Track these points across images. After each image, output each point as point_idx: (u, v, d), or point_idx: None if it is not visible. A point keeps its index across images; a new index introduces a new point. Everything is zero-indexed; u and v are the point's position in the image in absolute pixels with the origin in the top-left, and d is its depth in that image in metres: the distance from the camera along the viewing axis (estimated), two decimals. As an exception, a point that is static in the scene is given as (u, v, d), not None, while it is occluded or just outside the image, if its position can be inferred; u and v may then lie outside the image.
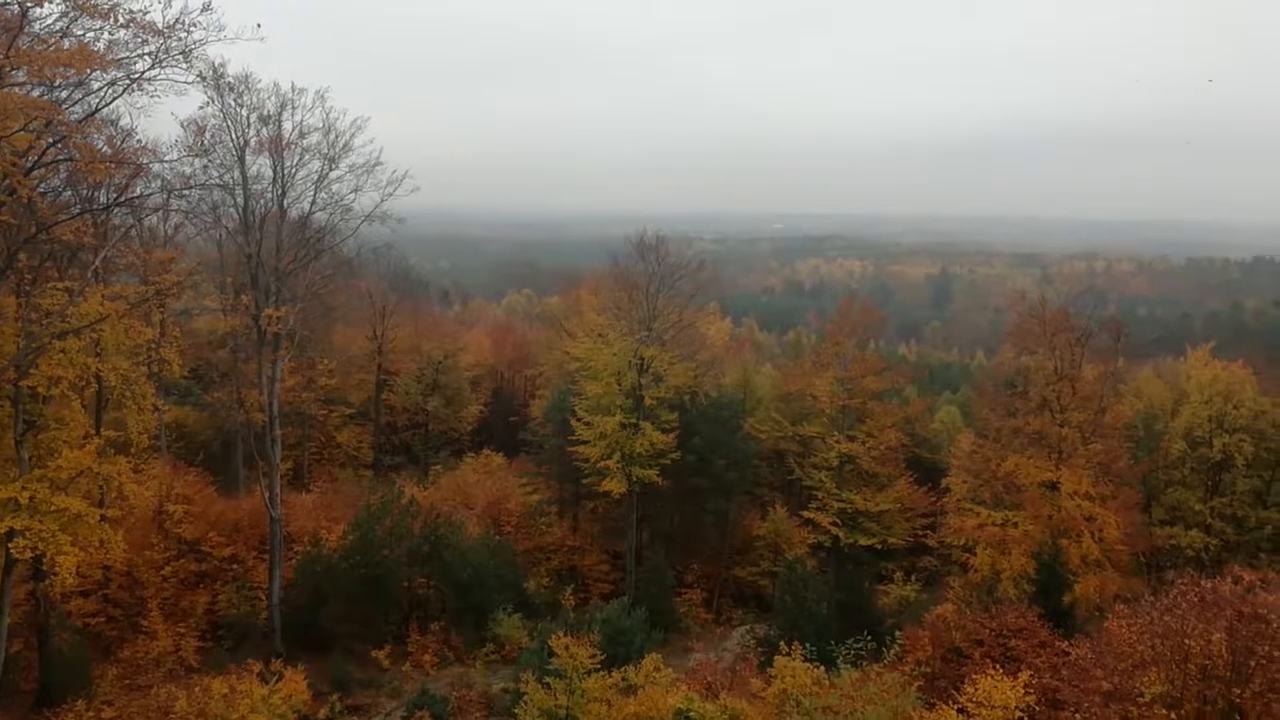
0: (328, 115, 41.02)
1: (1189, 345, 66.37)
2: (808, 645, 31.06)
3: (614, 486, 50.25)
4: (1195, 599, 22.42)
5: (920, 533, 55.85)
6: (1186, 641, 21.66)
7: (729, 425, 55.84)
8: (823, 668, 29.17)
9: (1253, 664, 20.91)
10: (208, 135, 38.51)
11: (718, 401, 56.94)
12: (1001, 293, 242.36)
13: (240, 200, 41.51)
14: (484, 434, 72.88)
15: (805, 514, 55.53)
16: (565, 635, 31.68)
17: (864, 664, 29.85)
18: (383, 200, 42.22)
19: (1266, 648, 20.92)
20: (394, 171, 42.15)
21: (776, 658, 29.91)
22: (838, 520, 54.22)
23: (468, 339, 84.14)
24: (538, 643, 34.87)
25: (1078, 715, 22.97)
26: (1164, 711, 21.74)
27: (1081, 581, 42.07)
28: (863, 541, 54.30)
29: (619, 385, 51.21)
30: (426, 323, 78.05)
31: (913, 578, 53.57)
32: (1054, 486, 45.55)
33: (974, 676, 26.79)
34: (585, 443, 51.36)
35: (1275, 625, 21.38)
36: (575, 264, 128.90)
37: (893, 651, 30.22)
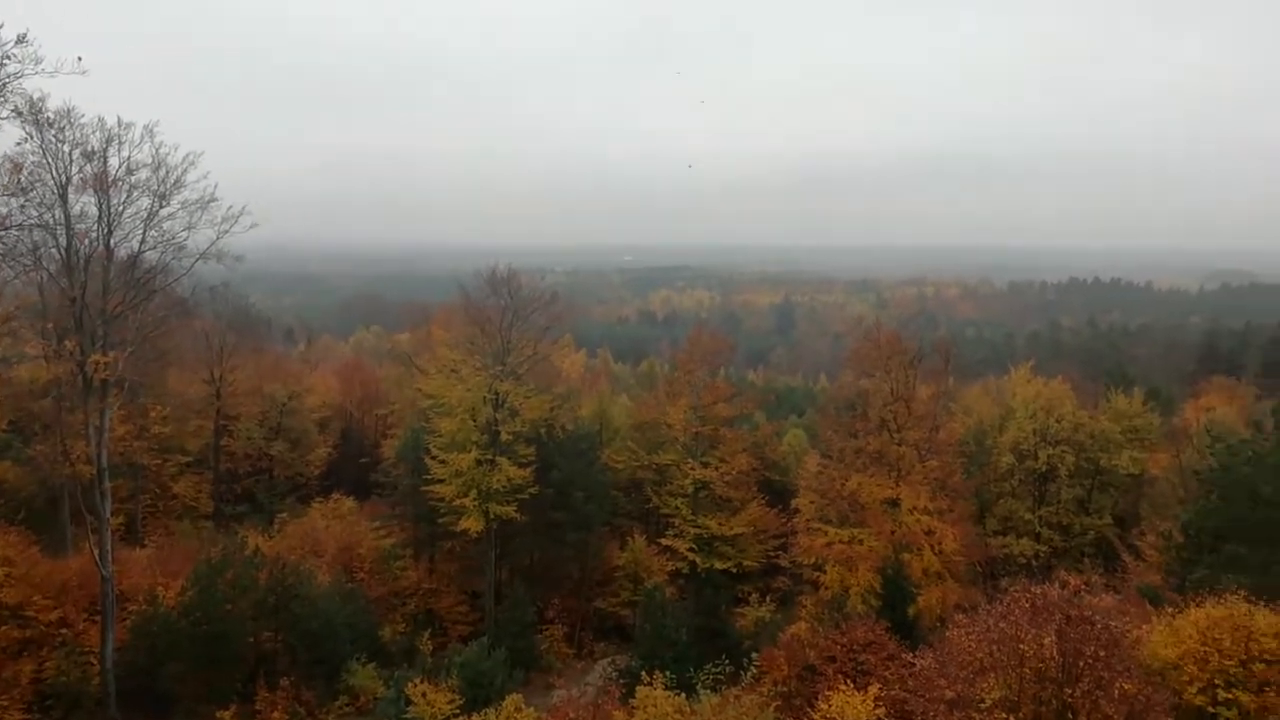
0: (158, 150, 39.22)
1: (1012, 364, 70.88)
2: (668, 673, 31.34)
3: (471, 524, 49.58)
4: (1027, 605, 23.67)
5: (773, 554, 57.19)
6: (1021, 646, 22.81)
7: (586, 457, 56.03)
8: (684, 695, 29.46)
9: (1081, 664, 22.20)
10: (25, 173, 36.15)
11: (575, 434, 57.04)
12: (841, 319, 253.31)
13: (63, 240, 39.09)
14: (333, 477, 70.46)
15: (663, 541, 56.20)
16: (422, 682, 31.02)
17: (723, 688, 30.34)
18: (219, 237, 40.62)
19: (1093, 648, 22.27)
20: (230, 207, 40.62)
21: (638, 688, 30.03)
22: (694, 546, 55.11)
23: (314, 379, 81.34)
24: (394, 691, 33.97)
25: (924, 724, 23.96)
26: (1004, 715, 22.80)
27: (924, 593, 44.03)
28: (719, 565, 55.33)
29: (474, 421, 50.69)
30: (269, 363, 74.96)
31: (768, 598, 54.72)
32: (895, 503, 47.62)
33: (827, 693, 27.62)
34: (440, 481, 50.55)
35: (1100, 627, 22.85)
36: (426, 299, 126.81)
37: (750, 673, 30.80)
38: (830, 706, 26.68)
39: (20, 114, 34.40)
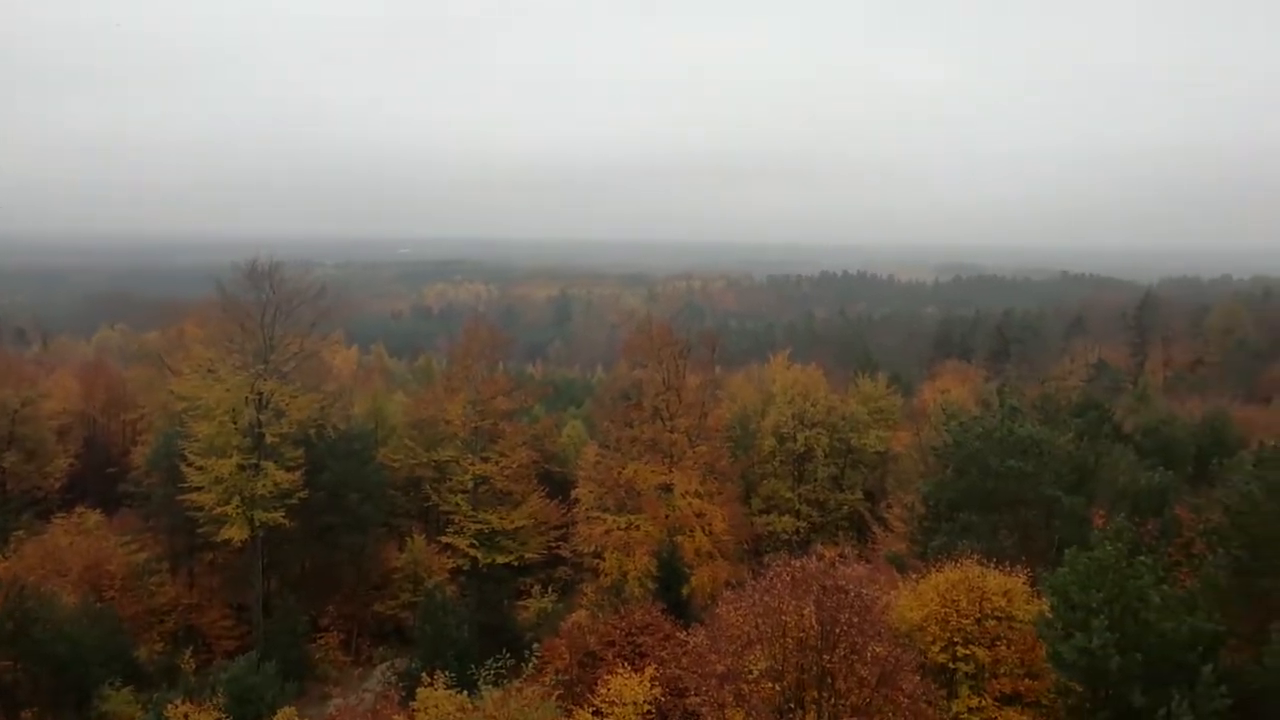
0: None
1: (772, 352, 74.98)
2: (450, 672, 31.10)
3: (235, 534, 47.21)
4: (788, 578, 25.07)
5: (555, 544, 57.77)
6: (784, 618, 24.15)
7: (361, 457, 54.52)
8: (466, 693, 29.36)
9: (838, 631, 23.67)
10: None
11: (348, 433, 55.37)
12: (615, 311, 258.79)
13: None
14: (76, 490, 64.74)
15: (443, 539, 55.59)
16: (184, 702, 29.28)
17: (506, 682, 30.43)
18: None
19: (847, 615, 23.82)
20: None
21: (418, 690, 29.65)
22: (475, 541, 54.89)
23: (51, 382, 74.40)
24: (152, 715, 31.86)
25: (698, 699, 25.06)
26: (769, 684, 24.19)
27: (696, 573, 45.92)
28: (501, 559, 55.39)
29: (235, 424, 48.20)
30: (-4, 366, 67.98)
31: (550, 589, 55.27)
32: (668, 488, 49.43)
33: (606, 677, 28.30)
34: (199, 489, 47.79)
35: (853, 595, 24.51)
36: (179, 294, 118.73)
37: (532, 664, 31.09)
38: (609, 690, 27.37)
39: None
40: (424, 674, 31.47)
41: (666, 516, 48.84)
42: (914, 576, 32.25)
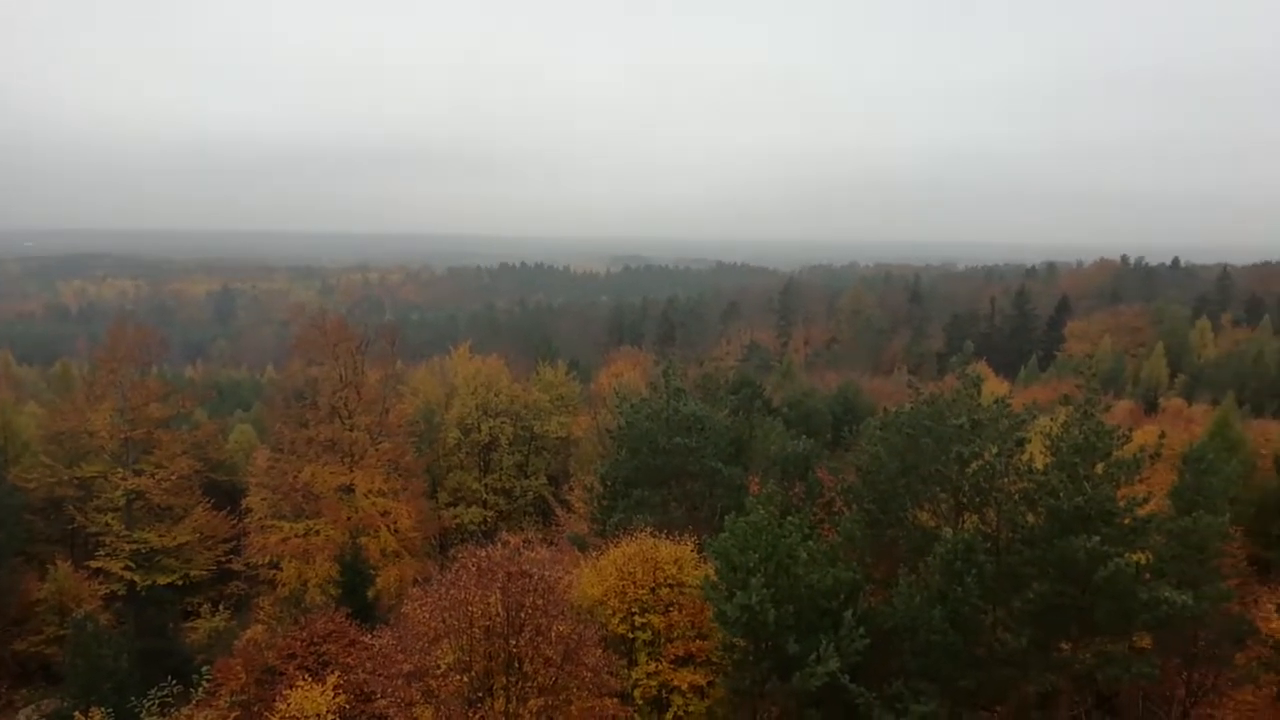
0: None
1: (454, 344, 74.72)
2: (106, 708, 28.44)
3: None
4: (474, 569, 25.25)
5: (225, 559, 54.21)
6: (470, 608, 24.30)
7: (-15, 480, 47.98)
8: (127, 727, 27.01)
9: (523, 615, 24.20)
10: None
11: (-34, 454, 48.50)
12: (286, 306, 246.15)
13: None
14: None
15: (93, 564, 50.41)
16: None
17: (173, 710, 28.31)
18: None
19: (532, 599, 24.40)
20: None
21: (70, 731, 26.88)
22: (132, 563, 50.36)
23: None
24: None
25: (385, 701, 24.71)
26: (458, 676, 24.33)
27: (382, 574, 44.93)
28: (162, 580, 51.34)
29: None
30: None
31: (221, 607, 51.80)
32: (350, 489, 47.94)
33: (285, 691, 27.11)
34: None
35: (537, 578, 25.13)
36: None
37: (203, 688, 29.10)
38: (289, 705, 26.25)
39: None
40: (76, 713, 28.60)
41: (349, 518, 47.37)
42: (595, 554, 33.35)
